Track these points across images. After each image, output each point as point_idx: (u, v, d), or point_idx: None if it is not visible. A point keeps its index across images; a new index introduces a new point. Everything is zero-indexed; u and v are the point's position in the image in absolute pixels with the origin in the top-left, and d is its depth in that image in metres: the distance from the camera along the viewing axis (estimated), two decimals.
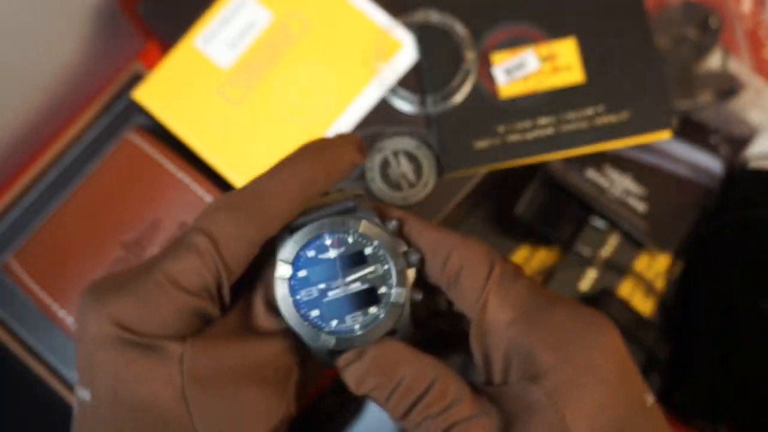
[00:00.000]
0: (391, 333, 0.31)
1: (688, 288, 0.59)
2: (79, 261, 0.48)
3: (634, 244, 0.61)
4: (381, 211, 0.33)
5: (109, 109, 0.58)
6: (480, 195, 0.52)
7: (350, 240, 0.31)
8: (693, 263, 0.60)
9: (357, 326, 0.30)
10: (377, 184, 0.47)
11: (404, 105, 0.48)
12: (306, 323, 0.30)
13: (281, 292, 0.31)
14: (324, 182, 0.31)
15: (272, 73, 0.49)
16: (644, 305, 0.60)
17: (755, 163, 0.60)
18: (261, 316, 0.31)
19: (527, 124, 0.48)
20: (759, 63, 0.64)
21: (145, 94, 0.49)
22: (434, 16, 0.49)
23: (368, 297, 0.30)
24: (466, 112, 0.48)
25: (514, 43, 0.48)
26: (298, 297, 0.31)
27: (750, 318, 0.55)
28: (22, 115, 0.56)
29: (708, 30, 0.60)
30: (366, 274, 0.31)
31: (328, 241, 0.31)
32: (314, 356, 0.31)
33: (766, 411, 0.54)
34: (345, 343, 0.30)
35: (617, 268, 0.60)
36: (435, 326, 0.35)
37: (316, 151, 0.32)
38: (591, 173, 0.61)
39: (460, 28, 0.49)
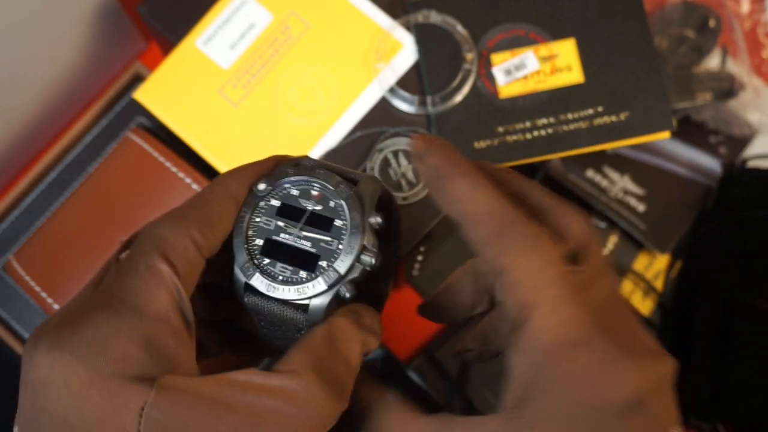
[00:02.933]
0: (304, 308, 0.30)
1: (686, 287, 0.60)
2: (80, 260, 0.48)
3: (633, 243, 0.61)
4: (386, 200, 0.32)
5: (111, 109, 0.58)
6: None
7: (332, 204, 0.30)
8: (691, 263, 0.60)
9: (280, 277, 0.29)
10: None
11: (404, 105, 0.48)
12: (245, 246, 0.30)
13: (247, 206, 0.30)
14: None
15: (272, 73, 0.49)
16: (643, 305, 0.60)
17: (754, 163, 0.60)
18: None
19: (527, 124, 0.48)
20: (758, 63, 0.64)
21: (146, 95, 0.49)
22: (434, 17, 0.49)
23: (307, 260, 0.30)
24: (466, 112, 0.48)
25: (514, 43, 0.49)
26: (257, 219, 0.30)
27: (748, 317, 0.55)
28: (25, 115, 0.56)
29: (707, 30, 0.60)
30: (320, 240, 0.30)
31: (314, 192, 0.30)
32: (233, 281, 0.30)
33: (764, 410, 0.54)
34: (262, 285, 0.29)
35: (617, 267, 0.60)
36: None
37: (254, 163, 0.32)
38: (591, 173, 0.61)
39: (460, 29, 0.49)
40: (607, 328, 0.28)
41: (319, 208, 0.30)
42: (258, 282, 0.29)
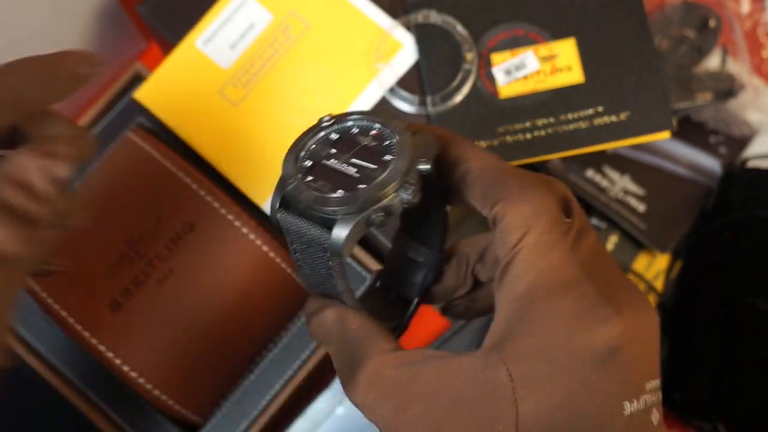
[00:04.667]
0: (330, 226, 0.30)
1: (686, 287, 0.60)
2: (81, 260, 0.48)
3: (633, 243, 0.61)
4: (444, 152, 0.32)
5: (111, 109, 0.58)
6: None
7: (387, 142, 0.31)
8: (691, 263, 0.60)
9: (316, 193, 0.30)
10: None
11: (404, 105, 0.48)
12: (296, 162, 0.31)
13: (313, 130, 0.32)
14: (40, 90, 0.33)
15: (272, 73, 0.49)
16: None
17: (754, 163, 0.60)
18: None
19: (527, 124, 0.48)
20: (758, 63, 0.64)
21: (146, 95, 0.49)
22: (434, 17, 0.49)
23: (348, 182, 0.30)
24: (466, 112, 0.48)
25: (514, 43, 0.49)
26: (313, 146, 0.31)
27: (748, 317, 0.55)
28: None
29: (707, 30, 0.60)
30: (366, 168, 0.30)
31: (373, 131, 0.31)
32: (274, 193, 0.31)
33: (764, 410, 0.54)
34: (296, 193, 0.30)
35: None
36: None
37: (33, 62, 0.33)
38: (591, 173, 0.61)
39: (460, 29, 0.49)
40: (593, 276, 0.28)
41: (374, 144, 0.31)
42: (294, 190, 0.30)
